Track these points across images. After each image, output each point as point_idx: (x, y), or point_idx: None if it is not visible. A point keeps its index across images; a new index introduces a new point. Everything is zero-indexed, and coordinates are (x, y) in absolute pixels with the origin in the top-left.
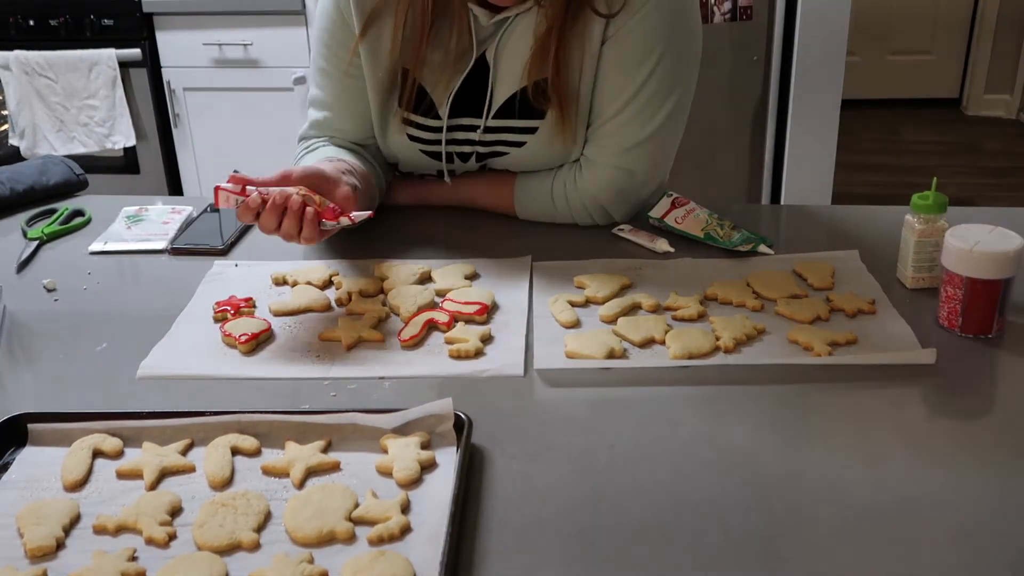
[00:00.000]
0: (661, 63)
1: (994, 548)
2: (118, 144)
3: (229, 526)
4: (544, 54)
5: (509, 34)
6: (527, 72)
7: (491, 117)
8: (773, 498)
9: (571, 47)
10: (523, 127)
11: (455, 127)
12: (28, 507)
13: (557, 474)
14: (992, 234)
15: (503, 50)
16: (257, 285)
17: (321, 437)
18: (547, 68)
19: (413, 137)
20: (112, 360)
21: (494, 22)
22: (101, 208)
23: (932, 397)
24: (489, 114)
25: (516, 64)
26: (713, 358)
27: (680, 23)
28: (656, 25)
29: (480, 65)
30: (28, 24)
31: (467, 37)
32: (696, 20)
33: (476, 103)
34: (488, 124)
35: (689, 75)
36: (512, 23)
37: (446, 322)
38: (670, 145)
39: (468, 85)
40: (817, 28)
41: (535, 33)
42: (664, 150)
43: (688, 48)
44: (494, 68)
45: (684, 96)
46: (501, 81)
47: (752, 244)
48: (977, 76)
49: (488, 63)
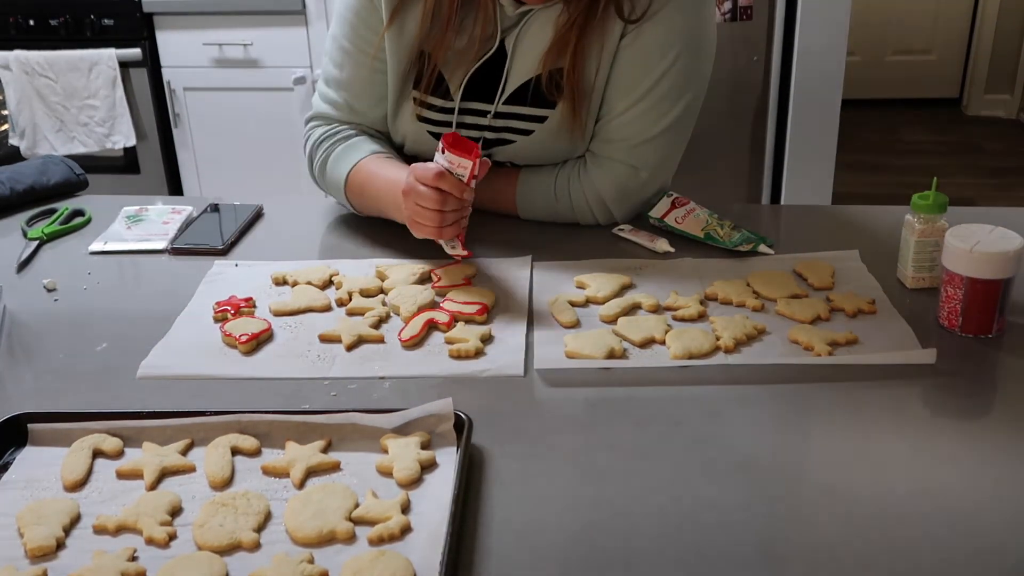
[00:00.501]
0: (676, 63)
1: (994, 548)
2: (118, 144)
3: (229, 526)
4: (563, 45)
5: (531, 23)
6: (543, 61)
7: (503, 103)
8: (773, 498)
9: (590, 41)
10: (533, 115)
11: (466, 111)
12: (28, 507)
13: (557, 474)
14: (992, 234)
15: (523, 39)
16: (257, 285)
17: (321, 437)
18: (564, 59)
19: (423, 118)
20: (112, 360)
21: (518, 12)
22: (101, 208)
23: (932, 397)
24: (501, 99)
25: (534, 53)
26: (713, 358)
27: (698, 27)
28: (676, 26)
29: (498, 51)
30: (28, 24)
31: (491, 25)
32: (713, 27)
33: (489, 88)
34: (499, 110)
35: (702, 80)
36: (535, 13)
37: (446, 322)
38: (676, 147)
39: (483, 70)
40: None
41: (556, 24)
42: (670, 151)
43: (704, 53)
44: (511, 55)
45: (695, 100)
46: (517, 68)
47: (752, 244)
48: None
49: (506, 50)
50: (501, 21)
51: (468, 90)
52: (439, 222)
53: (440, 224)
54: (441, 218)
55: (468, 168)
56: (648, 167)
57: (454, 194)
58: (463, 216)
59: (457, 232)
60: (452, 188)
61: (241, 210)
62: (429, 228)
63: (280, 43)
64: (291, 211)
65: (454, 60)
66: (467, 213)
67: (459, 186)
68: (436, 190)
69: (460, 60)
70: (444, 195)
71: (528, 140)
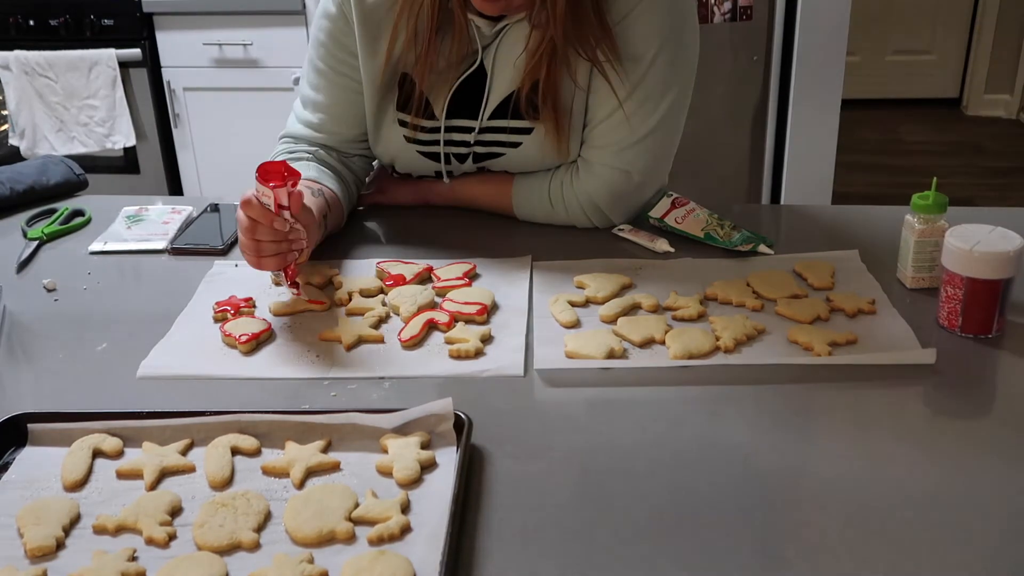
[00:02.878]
0: (656, 62)
1: (994, 548)
2: (118, 144)
3: (229, 526)
4: (539, 59)
5: (507, 38)
6: (522, 75)
7: (487, 118)
8: (773, 498)
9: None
10: (519, 127)
11: (451, 128)
12: (28, 507)
13: (557, 474)
14: (992, 234)
15: (501, 54)
16: (257, 285)
17: (321, 437)
18: (540, 71)
19: (410, 139)
20: (112, 360)
21: (495, 30)
22: (101, 208)
23: (932, 397)
24: (484, 116)
25: (513, 68)
26: (713, 358)
27: (676, 25)
28: (651, 26)
29: (478, 68)
30: (28, 24)
31: (469, 44)
32: (693, 23)
33: (472, 105)
34: (484, 125)
35: (685, 76)
36: (510, 28)
37: (446, 322)
38: (667, 147)
39: (464, 87)
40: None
41: (530, 38)
42: (660, 152)
43: (684, 49)
44: (491, 71)
45: (680, 97)
46: (498, 84)
47: (752, 244)
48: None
49: (485, 67)
50: (480, 40)
51: (451, 108)
52: (255, 251)
53: (256, 253)
54: (256, 247)
55: (271, 198)
56: (639, 170)
57: (262, 222)
58: (287, 250)
59: (281, 265)
60: (259, 216)
61: None
62: (247, 256)
63: (280, 43)
64: None
65: (434, 79)
66: (295, 247)
67: (266, 215)
68: (247, 217)
69: (441, 80)
70: (253, 223)
71: (517, 152)
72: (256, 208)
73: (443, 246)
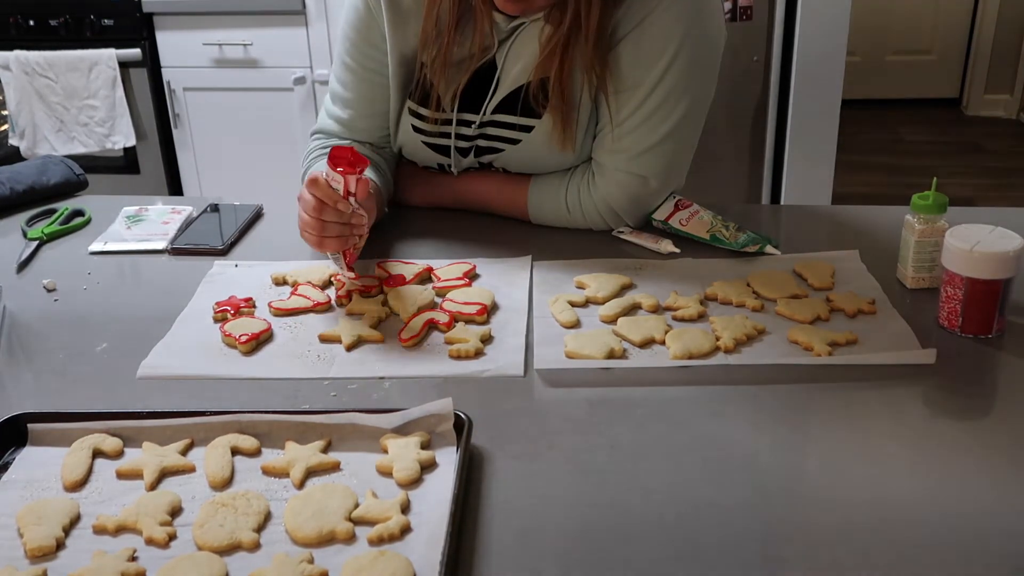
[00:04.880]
0: (672, 66)
1: (994, 548)
2: (118, 144)
3: (229, 526)
4: (550, 56)
5: (522, 35)
6: (532, 71)
7: (490, 113)
8: (773, 498)
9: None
10: (520, 124)
11: (458, 121)
12: (28, 507)
13: (557, 474)
14: (992, 234)
15: (514, 50)
16: (257, 285)
17: (321, 437)
18: (551, 69)
19: (417, 128)
20: (112, 360)
21: (511, 26)
22: (101, 208)
23: (932, 397)
24: (487, 110)
25: (524, 64)
26: (713, 358)
27: (696, 26)
28: (669, 28)
29: (489, 63)
30: (28, 24)
31: (487, 38)
32: (716, 25)
33: (478, 99)
34: (488, 119)
35: (704, 79)
36: (526, 26)
37: (446, 322)
38: (684, 151)
39: (474, 81)
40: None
41: (544, 36)
42: (677, 156)
43: (704, 51)
44: (502, 66)
45: (699, 101)
46: (506, 78)
47: (759, 245)
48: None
49: (497, 62)
50: (497, 34)
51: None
52: (318, 230)
53: (319, 232)
54: (320, 226)
55: (340, 183)
56: (656, 175)
57: (328, 203)
58: (349, 234)
59: (341, 247)
60: (326, 196)
61: (241, 210)
62: (309, 235)
63: (280, 43)
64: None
65: (448, 71)
66: (356, 232)
67: (333, 196)
68: (313, 196)
69: (454, 72)
70: (320, 203)
71: (515, 149)
72: (324, 188)
73: (443, 246)
